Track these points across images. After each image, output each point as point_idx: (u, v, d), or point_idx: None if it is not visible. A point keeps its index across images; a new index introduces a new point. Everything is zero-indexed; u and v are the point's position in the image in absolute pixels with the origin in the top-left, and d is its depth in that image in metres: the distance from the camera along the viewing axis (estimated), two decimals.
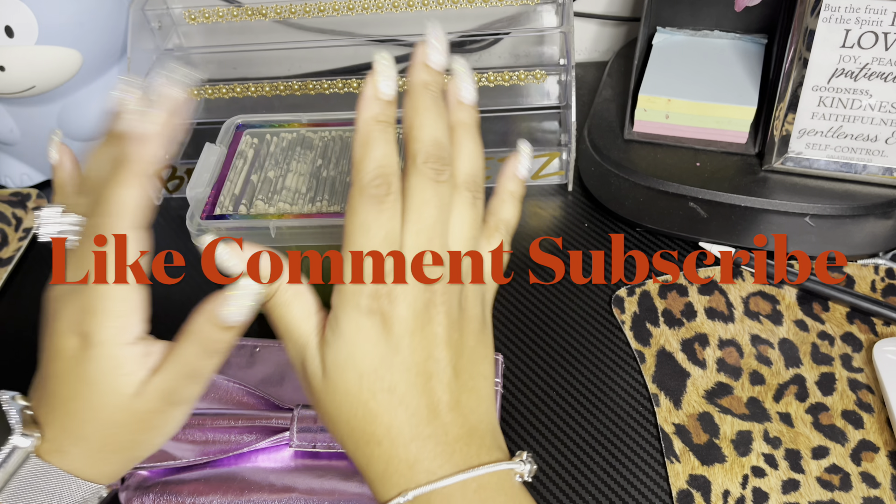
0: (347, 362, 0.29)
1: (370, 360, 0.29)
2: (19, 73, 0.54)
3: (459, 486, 0.28)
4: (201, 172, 0.47)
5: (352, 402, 0.29)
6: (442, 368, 0.30)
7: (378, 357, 0.29)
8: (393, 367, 0.29)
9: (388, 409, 0.29)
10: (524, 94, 0.61)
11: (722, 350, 0.47)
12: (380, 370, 0.29)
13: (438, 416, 0.29)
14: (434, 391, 0.29)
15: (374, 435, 0.29)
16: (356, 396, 0.29)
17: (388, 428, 0.29)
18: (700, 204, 0.54)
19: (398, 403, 0.29)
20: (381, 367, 0.29)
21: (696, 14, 0.61)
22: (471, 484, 0.29)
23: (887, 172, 0.52)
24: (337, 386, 0.29)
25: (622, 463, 0.43)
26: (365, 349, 0.29)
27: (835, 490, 0.41)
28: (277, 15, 0.58)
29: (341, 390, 0.29)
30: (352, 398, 0.29)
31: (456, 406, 0.30)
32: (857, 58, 0.48)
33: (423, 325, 0.29)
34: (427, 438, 0.29)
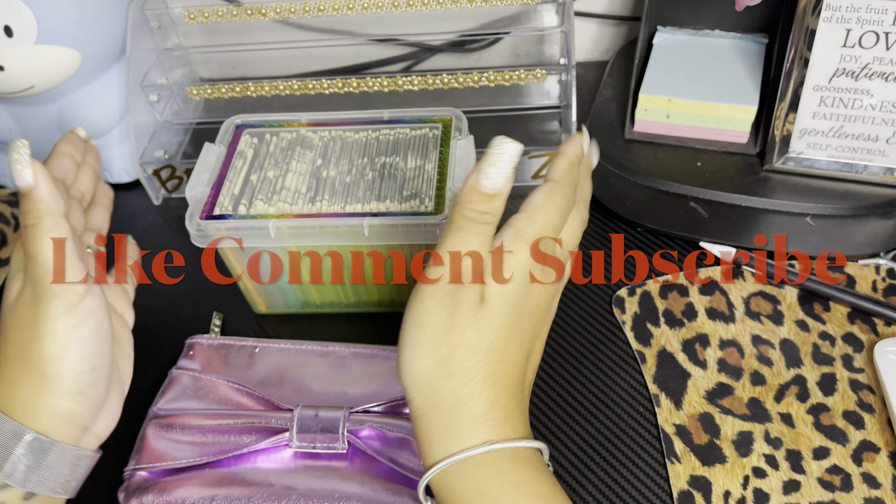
0: (510, 299, 0.32)
1: (519, 308, 0.32)
2: (19, 72, 0.54)
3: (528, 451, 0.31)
4: (201, 172, 0.46)
5: (496, 337, 0.31)
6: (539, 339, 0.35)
7: (522, 309, 0.32)
8: (529, 322, 0.33)
9: (513, 357, 0.32)
10: (524, 94, 0.61)
11: (723, 350, 0.47)
12: (522, 318, 0.32)
13: (525, 376, 0.33)
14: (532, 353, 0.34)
15: (495, 374, 0.31)
16: (503, 332, 0.31)
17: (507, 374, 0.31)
18: (701, 204, 0.54)
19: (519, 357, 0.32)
20: (523, 317, 0.32)
21: (697, 13, 0.61)
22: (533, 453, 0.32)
23: (888, 172, 0.52)
24: (494, 316, 0.31)
25: (622, 463, 0.43)
26: (520, 296, 0.32)
27: (836, 491, 0.41)
28: (277, 14, 0.58)
29: (497, 322, 0.31)
30: (499, 333, 0.31)
31: (532, 373, 0.34)
32: (857, 57, 0.48)
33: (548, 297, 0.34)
34: (519, 395, 0.32)
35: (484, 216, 0.31)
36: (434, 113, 0.49)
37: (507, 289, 0.31)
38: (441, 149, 0.47)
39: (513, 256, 0.32)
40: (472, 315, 0.31)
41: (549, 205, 0.33)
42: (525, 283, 0.32)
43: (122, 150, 0.62)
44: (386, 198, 0.45)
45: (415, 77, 0.57)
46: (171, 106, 0.63)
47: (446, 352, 0.30)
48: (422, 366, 0.31)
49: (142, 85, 0.59)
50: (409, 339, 0.31)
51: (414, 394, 0.31)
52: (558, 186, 0.34)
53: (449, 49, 0.69)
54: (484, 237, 0.31)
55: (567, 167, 0.34)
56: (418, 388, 0.31)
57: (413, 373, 0.31)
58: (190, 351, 0.48)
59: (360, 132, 0.49)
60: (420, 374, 0.31)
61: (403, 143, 0.48)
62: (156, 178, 0.61)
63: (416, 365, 0.31)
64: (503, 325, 0.31)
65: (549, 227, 0.33)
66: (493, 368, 0.31)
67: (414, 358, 0.31)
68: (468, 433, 0.30)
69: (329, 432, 0.42)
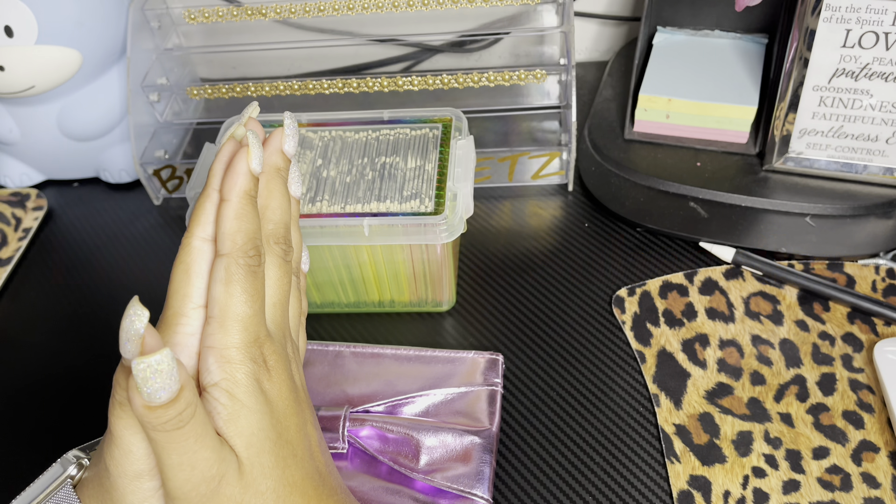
0: (270, 442, 0.29)
1: (280, 448, 0.29)
2: (19, 72, 0.54)
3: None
4: (201, 172, 0.46)
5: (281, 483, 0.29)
6: (310, 430, 0.32)
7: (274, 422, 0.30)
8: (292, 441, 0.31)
9: (301, 477, 0.30)
10: (524, 94, 0.61)
11: (722, 350, 0.47)
12: (283, 455, 0.30)
13: (325, 479, 0.32)
14: (312, 456, 0.32)
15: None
16: (272, 472, 0.29)
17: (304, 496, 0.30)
18: (700, 204, 0.54)
19: (304, 475, 0.30)
20: (284, 451, 0.30)
21: (697, 14, 0.61)
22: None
23: (888, 172, 0.52)
24: (261, 474, 0.28)
25: (622, 463, 0.43)
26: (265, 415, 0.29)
27: (835, 490, 0.41)
28: (277, 15, 0.58)
29: (267, 475, 0.29)
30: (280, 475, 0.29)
31: (328, 464, 0.33)
32: (857, 58, 0.48)
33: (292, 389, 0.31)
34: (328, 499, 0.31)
35: (180, 418, 0.25)
36: (434, 113, 0.50)
37: (253, 438, 0.28)
38: (441, 149, 0.47)
39: (232, 392, 0.27)
40: (241, 495, 0.27)
41: (233, 297, 0.28)
42: (263, 407, 0.28)
43: (123, 150, 0.62)
44: (386, 198, 0.45)
45: (415, 77, 0.57)
46: (171, 106, 0.63)
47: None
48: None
49: (142, 85, 0.59)
50: None
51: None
52: (232, 264, 0.28)
53: (449, 49, 0.69)
54: (196, 431, 0.26)
55: (235, 226, 0.29)
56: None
57: None
58: None
59: (360, 132, 0.49)
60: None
61: (403, 143, 0.48)
62: (156, 179, 0.61)
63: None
64: (271, 470, 0.28)
65: (250, 324, 0.28)
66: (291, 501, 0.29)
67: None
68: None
69: (329, 432, 0.42)
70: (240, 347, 0.28)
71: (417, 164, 0.47)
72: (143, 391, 0.24)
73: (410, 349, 0.47)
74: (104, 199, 0.63)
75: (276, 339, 0.30)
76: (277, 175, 0.32)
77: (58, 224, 0.62)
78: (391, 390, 0.45)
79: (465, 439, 0.42)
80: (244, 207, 0.29)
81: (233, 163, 0.29)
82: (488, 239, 0.56)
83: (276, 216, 0.31)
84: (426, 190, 0.45)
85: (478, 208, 0.58)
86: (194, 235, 0.30)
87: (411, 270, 0.47)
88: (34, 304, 0.55)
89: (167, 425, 0.25)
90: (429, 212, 0.44)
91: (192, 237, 0.30)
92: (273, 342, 0.30)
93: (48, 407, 0.48)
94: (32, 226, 0.60)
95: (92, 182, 0.65)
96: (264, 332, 0.29)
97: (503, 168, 0.58)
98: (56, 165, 0.63)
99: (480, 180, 0.59)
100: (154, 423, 0.25)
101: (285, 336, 0.31)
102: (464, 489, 0.40)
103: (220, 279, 0.28)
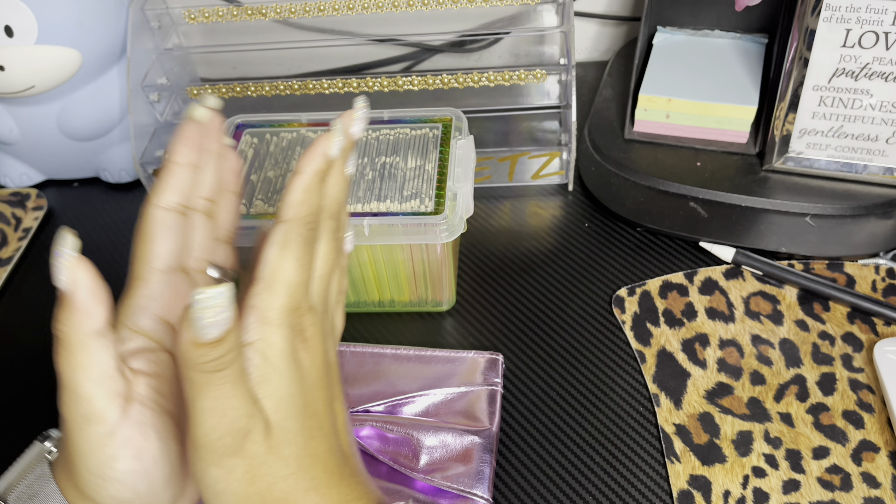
0: (296, 409, 0.29)
1: (306, 419, 0.29)
2: (19, 72, 0.54)
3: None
4: None
5: (297, 450, 0.29)
6: (337, 401, 0.32)
7: (304, 391, 0.30)
8: (316, 402, 0.30)
9: (325, 451, 0.30)
10: (524, 94, 0.61)
11: (722, 350, 0.47)
12: (309, 426, 0.30)
13: (347, 459, 0.31)
14: (338, 429, 0.31)
15: (315, 480, 0.29)
16: (299, 437, 0.29)
17: (326, 469, 0.30)
18: (700, 204, 0.54)
19: (329, 444, 0.30)
20: (310, 422, 0.29)
21: (697, 14, 0.61)
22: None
23: (888, 172, 0.52)
24: (285, 438, 0.28)
25: (622, 463, 0.43)
26: (295, 381, 0.29)
27: (835, 490, 0.41)
28: (277, 15, 0.58)
29: (291, 441, 0.29)
30: (298, 445, 0.29)
31: (351, 440, 0.32)
32: (857, 57, 0.48)
33: (325, 363, 0.31)
34: (350, 478, 0.31)
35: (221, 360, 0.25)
36: (434, 113, 0.50)
37: (282, 403, 0.28)
38: (441, 149, 0.47)
39: (266, 354, 0.28)
40: (264, 456, 0.27)
41: (286, 260, 0.29)
42: (294, 373, 0.28)
43: (123, 150, 0.62)
44: (386, 198, 0.45)
45: (415, 77, 0.57)
46: (171, 106, 0.63)
47: (260, 500, 0.28)
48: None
49: (142, 85, 0.59)
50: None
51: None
52: (292, 231, 0.29)
53: (449, 49, 0.69)
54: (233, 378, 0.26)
55: (302, 198, 0.30)
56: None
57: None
58: None
59: None
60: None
61: (403, 142, 0.48)
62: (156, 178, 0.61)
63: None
64: (296, 437, 0.28)
65: (296, 291, 0.29)
66: (310, 476, 0.29)
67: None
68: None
69: None
70: (281, 311, 0.28)
71: (417, 164, 0.47)
72: (196, 324, 0.24)
73: (410, 349, 0.47)
74: (104, 199, 0.63)
75: (317, 311, 0.31)
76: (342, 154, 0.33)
77: (58, 224, 0.62)
78: (391, 390, 0.45)
79: (465, 439, 0.42)
80: (314, 184, 0.30)
81: (315, 143, 0.31)
82: (488, 239, 0.56)
83: (334, 192, 0.32)
84: (426, 190, 0.45)
85: (478, 208, 0.58)
86: (153, 203, 0.32)
87: (411, 270, 0.47)
88: (34, 304, 0.55)
89: (208, 366, 0.25)
90: (429, 211, 0.44)
91: (150, 205, 0.32)
92: (314, 314, 0.30)
93: (49, 406, 0.48)
94: (32, 226, 0.60)
95: (92, 182, 0.65)
96: (307, 302, 0.30)
97: (503, 168, 0.58)
98: (56, 165, 0.63)
99: (480, 180, 0.59)
100: (196, 361, 0.25)
101: (325, 310, 0.32)
102: (464, 489, 0.40)
103: (277, 243, 0.29)
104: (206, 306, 0.24)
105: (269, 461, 0.28)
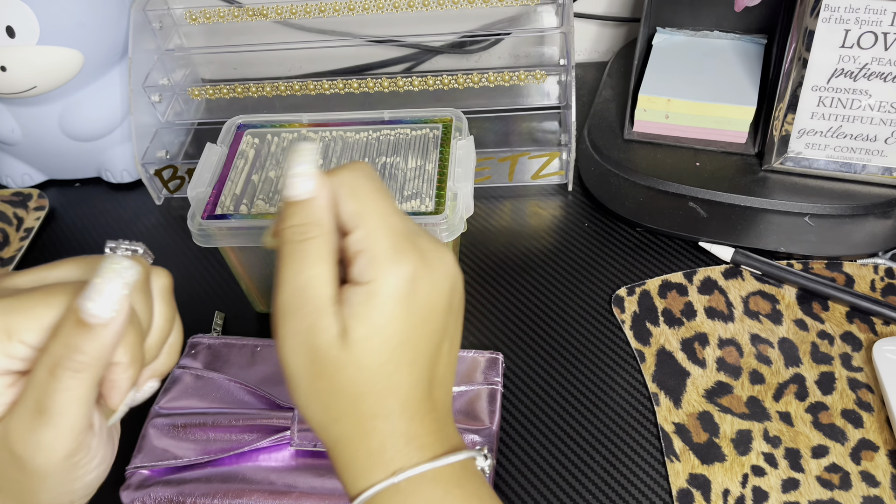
0: (382, 332, 0.28)
1: (403, 331, 0.28)
2: (21, 73, 0.54)
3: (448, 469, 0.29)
4: (202, 172, 0.47)
5: (373, 375, 0.28)
6: (447, 340, 0.30)
7: (410, 327, 0.28)
8: (421, 338, 0.29)
9: (409, 383, 0.28)
10: (524, 94, 0.61)
11: (722, 349, 0.47)
12: (411, 340, 0.28)
13: (433, 391, 0.30)
14: (437, 365, 0.30)
15: (385, 408, 0.28)
16: (382, 368, 0.28)
17: (403, 402, 0.28)
18: (700, 204, 0.54)
19: (417, 377, 0.29)
20: (411, 338, 0.28)
21: (696, 14, 0.61)
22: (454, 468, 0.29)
23: (886, 172, 0.52)
24: (361, 358, 0.28)
25: (622, 462, 0.43)
26: (400, 318, 0.28)
27: (834, 489, 0.41)
28: (278, 15, 0.59)
29: (366, 363, 0.28)
30: (376, 370, 0.28)
31: (444, 382, 0.30)
32: (856, 58, 0.48)
33: (445, 292, 0.29)
34: (426, 413, 0.29)
35: (304, 228, 0.28)
36: (434, 113, 0.50)
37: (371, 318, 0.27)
38: (441, 149, 0.47)
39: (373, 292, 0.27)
40: (335, 358, 0.27)
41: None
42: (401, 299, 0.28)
43: (124, 150, 0.62)
44: None
45: (415, 78, 0.57)
46: (172, 106, 0.64)
47: (324, 400, 0.28)
48: (308, 412, 0.29)
49: (144, 85, 0.59)
50: (289, 386, 0.29)
51: (315, 432, 0.30)
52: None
53: (449, 50, 0.69)
54: (319, 252, 0.28)
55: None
56: (315, 428, 0.29)
57: (305, 416, 0.29)
58: (192, 350, 0.48)
59: (361, 132, 0.50)
60: (310, 418, 0.29)
61: (404, 143, 0.48)
62: (157, 179, 0.61)
63: (304, 410, 0.29)
64: (377, 360, 0.28)
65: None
66: (382, 404, 0.28)
67: (299, 404, 0.29)
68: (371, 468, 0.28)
69: None
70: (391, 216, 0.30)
71: (418, 164, 0.47)
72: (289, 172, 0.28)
73: None
74: (106, 200, 0.63)
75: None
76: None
77: (59, 224, 0.62)
78: None
79: (465, 438, 0.42)
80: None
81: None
82: (488, 239, 0.56)
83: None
84: (426, 190, 0.45)
85: (478, 208, 0.58)
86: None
87: None
88: None
89: (293, 232, 0.28)
90: (429, 211, 0.44)
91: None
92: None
93: None
94: (34, 226, 0.60)
95: (93, 182, 0.65)
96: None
97: (503, 168, 0.59)
98: (58, 165, 0.63)
99: (480, 180, 0.59)
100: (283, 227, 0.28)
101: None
102: None
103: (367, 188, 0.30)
104: (301, 153, 0.27)
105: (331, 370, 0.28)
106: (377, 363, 0.28)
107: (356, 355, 0.27)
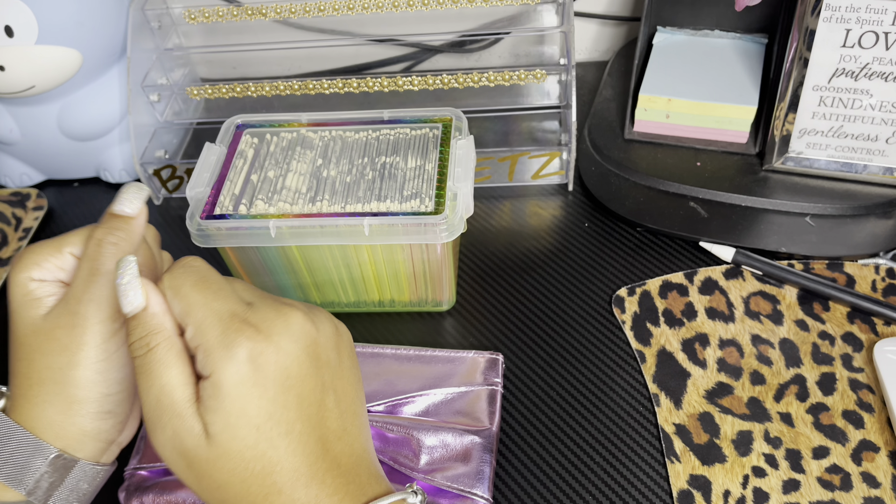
0: (240, 420, 0.28)
1: (263, 408, 0.28)
2: (19, 72, 0.54)
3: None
4: (201, 172, 0.46)
5: (248, 460, 0.28)
6: (330, 393, 0.30)
7: (269, 402, 0.28)
8: (287, 408, 0.29)
9: (288, 454, 0.28)
10: (524, 94, 0.61)
11: (722, 350, 0.47)
12: (275, 415, 0.28)
13: (328, 449, 0.29)
14: (326, 421, 0.30)
15: (275, 485, 0.28)
16: (252, 451, 0.28)
17: (291, 473, 0.28)
18: (700, 204, 0.54)
19: (297, 444, 0.29)
20: (275, 412, 0.28)
21: (697, 14, 0.61)
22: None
23: (888, 172, 0.52)
24: (229, 449, 0.28)
25: (622, 463, 0.43)
26: (254, 398, 0.28)
27: (835, 490, 0.41)
28: (277, 15, 0.58)
29: (234, 451, 0.28)
30: (246, 454, 0.28)
31: (342, 435, 0.30)
32: (857, 57, 0.48)
33: (298, 354, 0.29)
34: (325, 473, 0.29)
35: (142, 343, 0.29)
36: (434, 113, 0.50)
37: (224, 409, 0.28)
38: (441, 149, 0.47)
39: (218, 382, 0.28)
40: (205, 456, 0.28)
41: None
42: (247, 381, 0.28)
43: (123, 150, 0.62)
44: (386, 198, 0.45)
45: (415, 77, 0.57)
46: (171, 106, 0.63)
47: (216, 495, 0.29)
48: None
49: (142, 85, 0.59)
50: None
51: None
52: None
53: (449, 49, 0.69)
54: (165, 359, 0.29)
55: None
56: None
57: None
58: None
59: (361, 132, 0.49)
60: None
61: (404, 142, 0.48)
62: (156, 178, 0.61)
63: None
64: (244, 444, 0.28)
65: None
66: (269, 482, 0.28)
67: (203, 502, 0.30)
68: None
69: None
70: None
71: (417, 164, 0.47)
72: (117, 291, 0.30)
73: (410, 349, 0.47)
74: (104, 199, 0.63)
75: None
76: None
77: (58, 224, 0.62)
78: (391, 390, 0.45)
79: (465, 439, 0.42)
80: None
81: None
82: (488, 239, 0.56)
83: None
84: (426, 190, 0.45)
85: (478, 208, 0.58)
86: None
87: (411, 270, 0.47)
88: None
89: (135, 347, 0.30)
90: (429, 211, 0.44)
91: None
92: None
93: None
94: (33, 226, 0.60)
95: (92, 182, 0.65)
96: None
97: (503, 168, 0.58)
98: (56, 165, 0.63)
99: (480, 180, 0.59)
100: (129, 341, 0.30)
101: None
102: (464, 489, 0.40)
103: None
104: (124, 271, 0.30)
105: (202, 467, 0.28)
106: (246, 447, 0.28)
107: (223, 447, 0.28)
